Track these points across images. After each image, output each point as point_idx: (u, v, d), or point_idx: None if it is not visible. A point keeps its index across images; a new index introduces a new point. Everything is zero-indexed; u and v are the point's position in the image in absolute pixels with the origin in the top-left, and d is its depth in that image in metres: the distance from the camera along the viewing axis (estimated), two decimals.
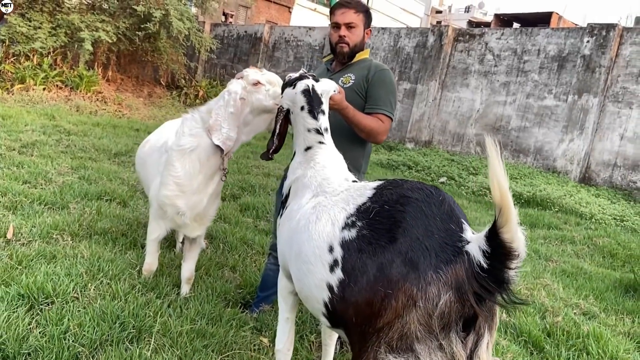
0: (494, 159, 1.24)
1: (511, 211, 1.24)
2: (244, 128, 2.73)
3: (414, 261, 1.40)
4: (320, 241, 1.70)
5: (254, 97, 2.64)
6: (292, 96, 2.21)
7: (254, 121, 2.73)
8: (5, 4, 10.48)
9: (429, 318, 1.35)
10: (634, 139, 9.34)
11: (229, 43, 16.85)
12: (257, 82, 2.65)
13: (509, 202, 1.24)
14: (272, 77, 2.70)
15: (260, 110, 2.68)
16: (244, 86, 2.68)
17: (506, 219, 1.25)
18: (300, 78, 2.24)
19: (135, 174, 5.56)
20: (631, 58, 9.37)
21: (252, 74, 2.70)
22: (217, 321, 2.63)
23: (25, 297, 2.49)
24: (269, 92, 2.64)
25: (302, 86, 2.21)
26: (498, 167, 1.24)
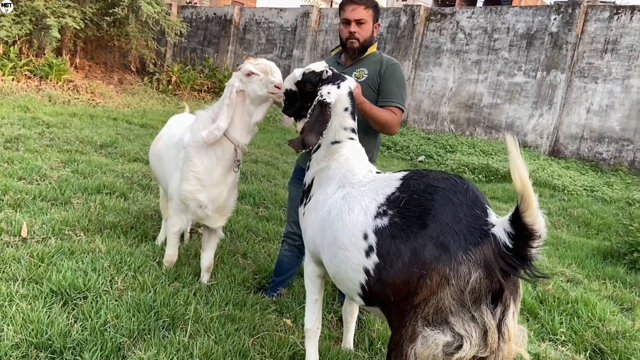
0: (514, 152, 1.43)
1: (532, 198, 1.44)
2: (250, 119, 2.82)
3: (444, 244, 1.59)
4: (355, 229, 1.87)
5: (250, 87, 2.72)
6: (337, 95, 2.27)
7: (257, 111, 2.80)
8: (5, 4, 10.21)
9: (461, 293, 1.55)
10: (599, 112, 9.80)
11: (198, 26, 16.60)
12: (250, 73, 2.70)
13: (530, 190, 1.43)
14: (266, 65, 2.71)
15: (258, 100, 2.74)
16: (240, 78, 2.77)
17: (528, 205, 1.44)
18: (338, 76, 2.34)
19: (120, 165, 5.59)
20: (596, 34, 9.77)
21: (246, 64, 2.77)
22: (242, 306, 2.78)
23: (57, 293, 2.58)
24: (262, 80, 2.68)
25: (347, 88, 2.31)
26: (518, 160, 1.42)
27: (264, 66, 2.71)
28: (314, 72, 2.36)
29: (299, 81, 2.40)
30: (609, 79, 9.66)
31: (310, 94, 2.37)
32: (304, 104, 2.44)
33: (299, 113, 2.51)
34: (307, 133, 2.27)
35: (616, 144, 9.65)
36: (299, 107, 2.48)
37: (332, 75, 2.34)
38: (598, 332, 3.00)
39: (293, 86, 2.45)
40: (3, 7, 10.28)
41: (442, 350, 1.55)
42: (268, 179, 5.90)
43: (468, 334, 1.53)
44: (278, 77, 2.69)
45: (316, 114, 2.28)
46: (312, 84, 2.35)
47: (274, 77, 2.68)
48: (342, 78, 2.35)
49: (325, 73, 2.34)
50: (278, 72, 2.72)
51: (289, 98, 2.51)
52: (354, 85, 2.40)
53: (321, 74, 2.34)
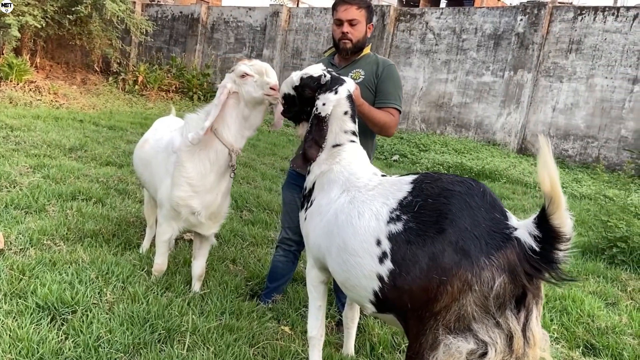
0: (546, 154, 1.41)
1: (561, 200, 1.43)
2: (244, 123, 2.75)
3: (465, 249, 1.57)
4: (366, 235, 1.83)
5: (244, 89, 2.64)
6: (335, 101, 2.25)
7: (252, 114, 2.72)
8: (5, 4, 9.82)
9: (485, 299, 1.53)
10: (564, 111, 10.09)
11: (164, 24, 16.24)
12: (244, 74, 2.63)
13: (559, 192, 1.42)
14: (261, 66, 2.64)
15: (253, 102, 2.66)
16: (233, 79, 2.70)
17: (557, 207, 1.44)
18: (336, 80, 2.29)
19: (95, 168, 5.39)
20: (560, 34, 10.06)
21: (240, 66, 2.70)
22: (238, 315, 2.71)
23: (44, 308, 2.44)
24: (257, 82, 2.61)
25: (345, 92, 2.28)
26: (550, 161, 1.42)
27: (259, 67, 2.64)
28: (311, 77, 2.31)
29: (297, 86, 2.35)
30: (573, 78, 9.96)
31: (309, 98, 2.33)
32: (303, 108, 2.39)
33: (298, 117, 2.46)
34: (307, 147, 2.28)
35: (581, 141, 9.97)
36: (298, 111, 2.43)
37: (330, 79, 2.30)
38: (589, 328, 3.06)
39: (291, 90, 2.39)
40: (3, 7, 9.93)
41: (465, 358, 1.52)
42: (247, 181, 5.80)
43: (493, 341, 1.51)
44: (273, 78, 2.61)
45: (314, 126, 2.28)
46: (311, 89, 2.31)
47: (269, 78, 2.60)
48: (340, 82, 2.31)
49: (323, 77, 2.30)
50: (273, 73, 2.65)
51: (287, 102, 2.46)
52: (353, 88, 2.37)
53: (319, 78, 2.30)
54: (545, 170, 1.41)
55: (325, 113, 2.25)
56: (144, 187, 3.34)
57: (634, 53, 9.29)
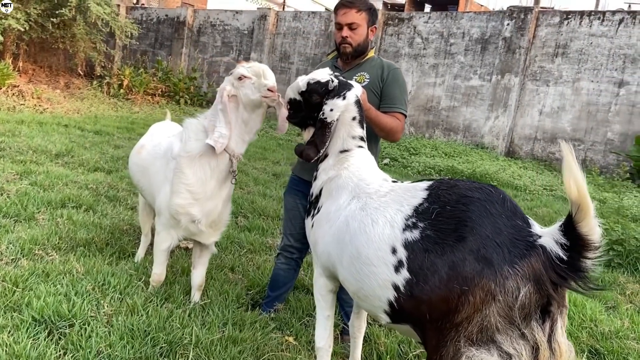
0: (571, 160, 1.38)
1: (590, 207, 1.40)
2: (245, 127, 2.68)
3: (487, 258, 1.52)
4: (381, 243, 1.78)
5: (242, 92, 2.58)
6: (343, 107, 2.20)
7: (252, 117, 2.65)
8: (5, 4, 9.66)
9: (509, 310, 1.49)
10: (551, 114, 10.19)
11: (149, 27, 16.07)
12: (241, 77, 2.57)
13: (587, 199, 1.39)
14: (259, 68, 2.58)
15: (251, 105, 2.59)
16: (232, 82, 2.64)
17: (585, 214, 1.40)
18: (344, 85, 2.24)
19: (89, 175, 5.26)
20: (547, 39, 10.16)
21: (238, 68, 2.64)
22: (241, 326, 2.63)
23: (41, 322, 2.35)
24: (254, 84, 2.54)
25: (353, 97, 2.23)
26: (575, 168, 1.38)
27: (257, 69, 2.58)
28: (319, 83, 2.25)
29: (304, 91, 2.30)
30: (559, 82, 10.07)
31: (316, 104, 2.28)
32: (309, 113, 2.34)
33: (304, 122, 2.40)
34: (306, 148, 2.26)
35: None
36: (305, 117, 2.37)
37: (338, 85, 2.25)
38: (592, 332, 3.05)
39: (297, 96, 2.34)
40: (3, 7, 9.78)
41: None
42: (240, 187, 5.72)
43: (517, 353, 1.47)
44: (271, 80, 2.55)
45: (317, 129, 2.24)
46: (318, 94, 2.26)
47: (266, 79, 2.54)
48: (348, 87, 2.26)
49: (331, 83, 2.24)
50: (271, 74, 2.58)
51: (293, 107, 2.40)
52: (360, 92, 2.32)
53: (327, 84, 2.24)
54: (571, 176, 1.37)
55: (332, 119, 2.20)
56: (141, 195, 3.25)
57: (620, 57, 9.42)
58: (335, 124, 2.22)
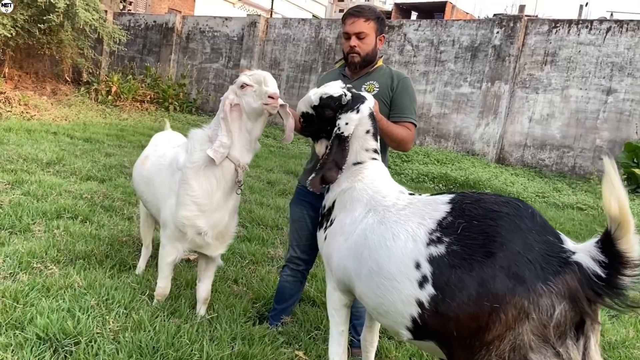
0: (613, 176, 1.37)
1: (631, 225, 1.38)
2: (249, 136, 2.63)
3: (519, 275, 1.49)
4: (404, 258, 1.75)
5: (244, 100, 2.53)
6: (358, 120, 2.17)
7: (255, 125, 2.60)
8: (5, 4, 9.54)
9: (543, 328, 1.46)
10: (540, 121, 10.30)
11: (137, 34, 15.94)
12: (243, 85, 2.53)
13: (629, 216, 1.37)
14: (260, 75, 2.53)
15: (253, 113, 2.55)
16: (235, 91, 2.60)
17: (625, 231, 1.38)
18: (357, 98, 2.21)
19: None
20: (536, 47, 10.28)
21: (240, 76, 2.60)
22: (250, 340, 2.58)
23: (45, 340, 2.27)
24: (256, 92, 2.50)
25: (367, 110, 2.20)
26: (617, 185, 1.36)
27: (258, 76, 2.52)
28: (332, 97, 2.22)
29: (316, 106, 2.26)
30: (549, 90, 10.18)
31: (329, 118, 2.24)
32: (322, 126, 2.30)
33: (317, 135, 2.37)
34: (327, 170, 2.18)
35: (557, 151, 10.18)
36: (318, 130, 2.34)
37: (351, 98, 2.22)
38: (600, 342, 3.04)
39: (309, 109, 2.30)
40: (3, 7, 9.67)
41: None
42: None
43: None
44: (272, 87, 2.49)
45: (334, 146, 2.18)
46: (332, 109, 2.23)
47: (267, 87, 2.49)
48: (362, 100, 2.24)
49: (344, 97, 2.21)
50: (272, 81, 2.53)
51: (306, 121, 2.36)
52: (373, 104, 2.30)
53: (340, 98, 2.21)
54: (613, 193, 1.36)
55: (348, 133, 2.17)
56: (144, 206, 3.18)
57: (607, 65, 9.56)
58: (350, 137, 2.19)
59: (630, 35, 9.31)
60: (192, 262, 3.61)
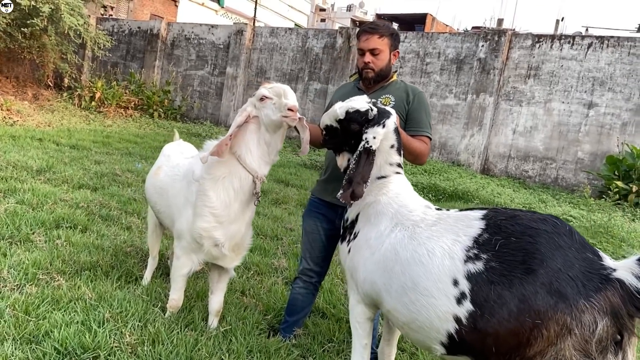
0: None
1: None
2: (267, 148, 2.64)
3: (560, 291, 1.54)
4: (441, 275, 1.78)
5: (263, 112, 2.55)
6: (383, 135, 2.20)
7: (274, 138, 2.61)
8: (5, 4, 9.43)
9: (585, 344, 1.51)
10: (524, 133, 10.52)
11: (120, 39, 15.77)
12: (263, 97, 2.54)
13: None
14: (279, 88, 2.55)
15: (272, 125, 2.56)
16: (254, 103, 2.62)
17: None
18: (383, 113, 2.24)
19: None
20: (519, 60, 10.53)
21: (260, 89, 2.62)
22: (266, 353, 2.57)
23: (64, 354, 2.23)
24: (275, 104, 2.51)
25: (392, 125, 2.24)
26: None
27: (278, 89, 2.54)
28: (358, 112, 2.24)
29: (342, 119, 2.29)
30: (532, 102, 10.43)
31: (354, 132, 2.27)
32: (346, 140, 2.33)
33: (339, 147, 2.39)
34: (356, 185, 2.17)
35: (540, 162, 10.41)
36: (340, 143, 2.37)
37: (377, 113, 2.25)
38: None
39: (334, 123, 2.33)
40: (3, 7, 9.57)
41: None
42: None
43: None
44: (292, 100, 2.51)
45: (362, 161, 2.19)
46: (358, 123, 2.25)
47: (287, 99, 2.51)
48: (387, 115, 2.27)
49: (370, 112, 2.24)
50: (292, 94, 2.54)
51: (329, 134, 2.39)
52: (396, 118, 2.34)
53: (367, 113, 2.24)
54: None
55: (375, 147, 2.20)
56: (157, 217, 3.15)
57: (589, 79, 9.85)
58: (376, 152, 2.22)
59: (610, 51, 9.62)
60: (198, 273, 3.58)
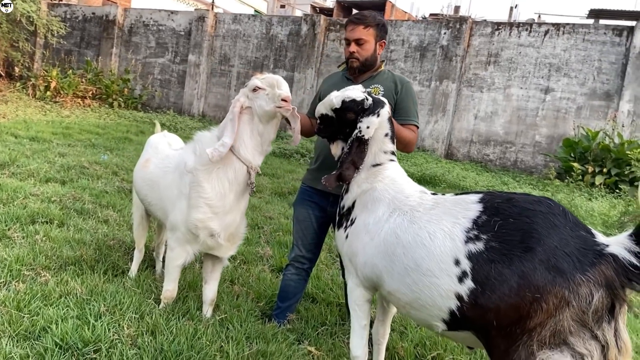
0: None
1: None
2: (260, 138, 2.67)
3: (558, 267, 1.66)
4: (443, 256, 1.87)
5: (256, 103, 2.57)
6: (378, 124, 2.27)
7: (267, 129, 2.64)
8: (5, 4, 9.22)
9: (582, 314, 1.63)
10: (485, 118, 10.86)
11: (74, 26, 15.17)
12: (255, 88, 2.57)
13: None
14: (272, 79, 2.58)
15: (266, 116, 2.59)
16: (246, 94, 2.64)
17: None
18: (377, 103, 2.31)
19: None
20: (480, 48, 10.81)
21: (252, 80, 2.64)
22: (263, 339, 2.63)
23: (65, 348, 2.21)
24: (268, 95, 2.54)
25: (386, 114, 2.31)
26: None
27: (271, 80, 2.57)
28: (355, 101, 2.31)
29: (338, 109, 2.34)
30: (492, 88, 10.75)
31: (349, 121, 2.33)
32: (341, 129, 2.39)
33: (334, 136, 2.45)
34: (345, 169, 2.28)
35: (500, 147, 10.78)
36: (335, 131, 2.42)
37: (372, 103, 2.32)
38: None
39: (330, 112, 2.38)
40: (3, 7, 9.37)
41: None
42: None
43: (589, 352, 1.62)
44: (285, 90, 2.55)
45: (354, 148, 2.28)
46: (354, 112, 2.32)
47: (280, 90, 2.54)
48: (382, 105, 2.34)
49: (366, 101, 2.31)
50: (285, 85, 2.59)
51: (324, 123, 2.44)
52: (389, 108, 2.41)
53: (362, 102, 2.31)
54: None
55: (369, 136, 2.27)
56: (148, 209, 3.11)
57: (545, 66, 10.23)
58: (370, 140, 2.29)
59: (566, 38, 10.01)
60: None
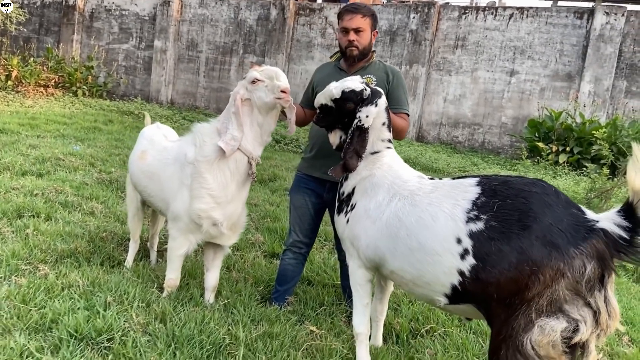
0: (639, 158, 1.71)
1: None
2: (260, 129, 2.74)
3: (553, 242, 1.82)
4: (446, 235, 2.02)
5: (255, 95, 2.65)
6: (376, 113, 2.39)
7: (266, 120, 2.71)
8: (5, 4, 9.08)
9: (576, 284, 1.80)
10: (454, 101, 11.13)
11: (31, 11, 14.59)
12: (254, 80, 2.64)
13: None
14: (271, 71, 2.65)
15: (265, 107, 2.66)
16: (245, 86, 2.70)
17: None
18: (375, 93, 2.42)
19: None
20: (448, 32, 11.03)
21: (251, 72, 2.71)
22: (268, 321, 2.73)
23: (79, 339, 2.26)
24: (267, 87, 2.61)
25: (383, 104, 2.42)
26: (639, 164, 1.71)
27: (269, 72, 2.65)
28: (354, 91, 2.41)
29: (338, 99, 2.44)
30: (460, 72, 11.01)
31: (349, 111, 2.43)
32: (339, 118, 2.49)
33: (332, 126, 2.55)
34: (349, 158, 2.39)
35: (469, 128, 11.09)
36: (334, 121, 2.52)
37: (370, 93, 2.43)
38: None
39: (329, 102, 2.48)
40: (3, 7, 9.24)
41: (560, 336, 1.79)
42: None
43: (583, 318, 1.79)
44: (284, 82, 2.63)
45: (355, 137, 2.39)
46: (353, 102, 2.42)
47: (279, 81, 2.62)
48: (379, 95, 2.46)
49: (365, 92, 2.42)
50: (284, 76, 2.66)
51: (323, 112, 2.53)
52: (385, 97, 2.52)
53: (361, 92, 2.41)
54: (638, 173, 1.69)
55: (368, 125, 2.39)
56: (148, 200, 3.13)
57: (510, 49, 10.54)
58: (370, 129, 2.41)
59: (530, 21, 10.32)
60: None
